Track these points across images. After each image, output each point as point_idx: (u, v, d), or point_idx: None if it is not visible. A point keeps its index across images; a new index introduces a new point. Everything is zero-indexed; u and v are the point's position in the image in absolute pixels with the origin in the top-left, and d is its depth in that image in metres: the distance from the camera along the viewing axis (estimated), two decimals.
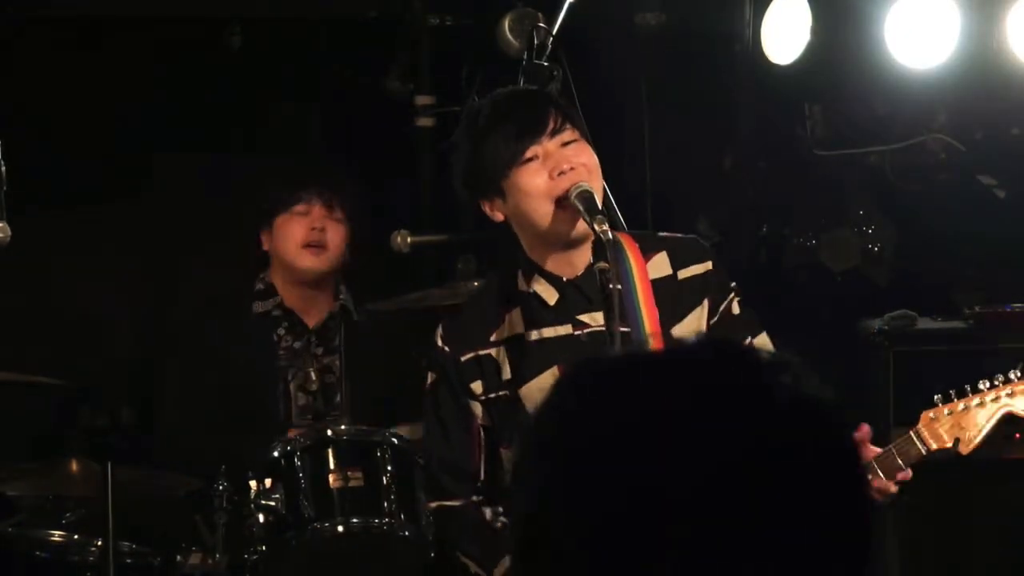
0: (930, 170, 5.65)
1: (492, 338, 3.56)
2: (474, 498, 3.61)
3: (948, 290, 5.61)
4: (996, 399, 3.75)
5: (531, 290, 3.55)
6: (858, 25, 5.01)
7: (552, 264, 3.53)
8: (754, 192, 5.79)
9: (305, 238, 4.82)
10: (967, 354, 4.94)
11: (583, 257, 3.48)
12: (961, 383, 4.67)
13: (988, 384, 3.76)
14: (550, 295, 3.53)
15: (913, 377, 4.91)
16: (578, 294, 3.52)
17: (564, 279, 3.53)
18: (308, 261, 4.83)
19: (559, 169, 3.43)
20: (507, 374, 3.55)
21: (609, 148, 3.60)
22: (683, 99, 5.57)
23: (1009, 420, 3.78)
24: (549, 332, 3.54)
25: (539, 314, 3.54)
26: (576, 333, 3.52)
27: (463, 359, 3.56)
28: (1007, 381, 3.77)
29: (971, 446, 3.70)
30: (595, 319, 3.51)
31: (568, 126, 3.49)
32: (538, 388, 3.51)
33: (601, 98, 4.28)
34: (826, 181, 5.78)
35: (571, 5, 4.49)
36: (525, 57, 4.27)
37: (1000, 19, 4.90)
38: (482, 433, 3.58)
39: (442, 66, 5.69)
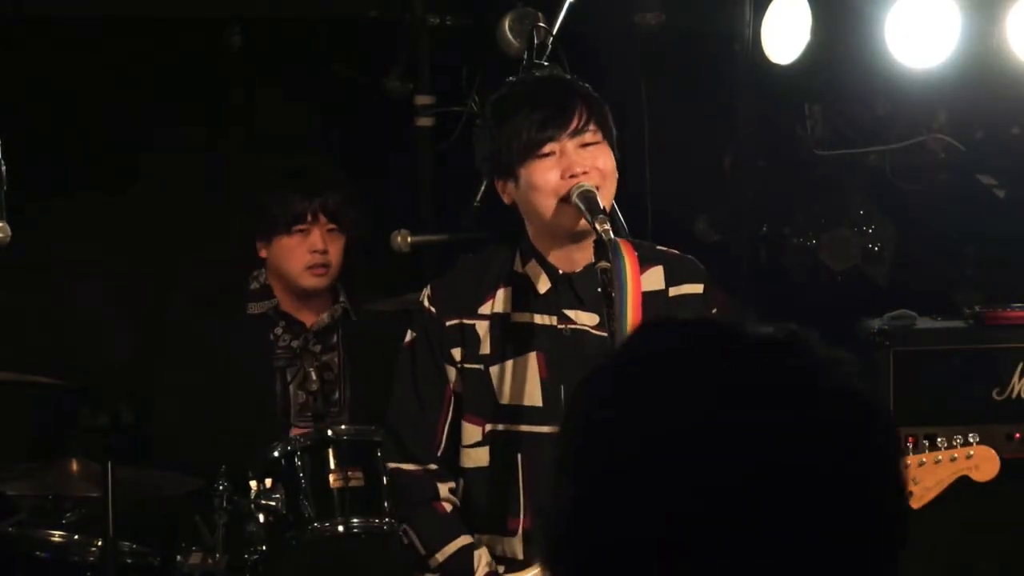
0: (930, 170, 5.65)
1: (479, 310, 3.58)
2: (431, 466, 3.61)
3: (948, 290, 5.61)
4: (955, 460, 3.74)
5: (525, 272, 3.57)
6: (858, 25, 5.01)
7: (553, 256, 3.56)
8: (754, 192, 5.78)
9: (308, 261, 4.78)
10: (967, 354, 4.94)
11: (584, 255, 3.49)
12: (961, 383, 4.67)
13: (947, 443, 3.75)
14: (542, 283, 3.56)
15: (913, 377, 4.91)
16: (569, 289, 3.54)
17: (560, 271, 3.55)
18: (311, 282, 4.81)
19: (572, 171, 3.44)
20: (485, 349, 3.57)
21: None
22: (683, 99, 5.57)
23: (962, 481, 3.78)
24: (535, 318, 3.56)
25: (528, 299, 3.57)
26: (560, 327, 3.55)
27: (448, 324, 3.59)
28: (966, 444, 3.77)
29: (922, 502, 3.70)
30: (580, 317, 3.54)
31: (591, 127, 3.49)
32: (511, 369, 3.54)
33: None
34: (826, 181, 5.78)
35: (571, 5, 4.50)
36: (525, 57, 4.27)
37: (1000, 19, 4.90)
38: (453, 399, 3.60)
39: (442, 66, 5.68)
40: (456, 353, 3.59)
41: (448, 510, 3.59)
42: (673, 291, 3.58)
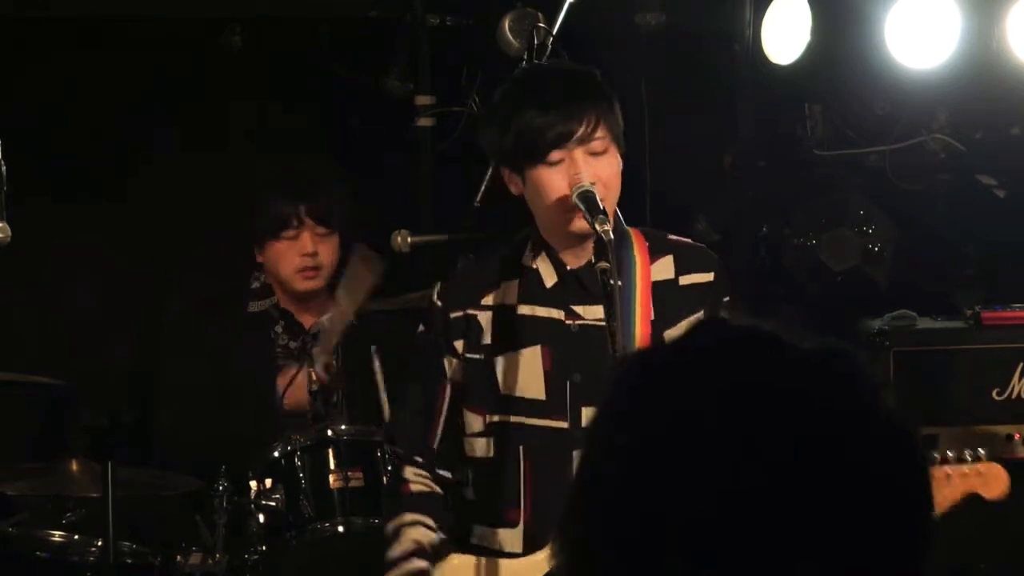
0: (930, 170, 5.65)
1: (483, 301, 3.60)
2: (417, 458, 3.64)
3: (948, 290, 5.60)
4: (964, 476, 3.74)
5: (534, 266, 3.58)
6: (858, 25, 5.01)
7: (562, 252, 3.57)
8: (754, 192, 5.78)
9: (299, 264, 4.80)
10: (967, 354, 4.94)
11: (590, 252, 3.49)
12: (961, 383, 4.66)
13: (956, 458, 3.75)
14: (549, 277, 3.57)
15: (913, 377, 4.91)
16: (577, 284, 3.55)
17: (568, 267, 3.56)
18: (304, 284, 4.82)
19: (578, 181, 3.43)
20: (487, 339, 3.58)
21: None
22: (683, 99, 5.57)
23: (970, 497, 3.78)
24: (541, 311, 3.57)
25: (535, 291, 3.58)
26: (568, 322, 3.56)
27: (452, 316, 3.61)
28: (976, 459, 3.76)
29: None
30: (588, 312, 3.54)
31: (599, 132, 3.47)
32: (515, 360, 3.55)
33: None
34: (826, 181, 5.77)
35: (571, 5, 4.50)
36: (525, 57, 4.27)
37: (1000, 19, 4.90)
38: (448, 390, 3.61)
39: (442, 66, 5.68)
40: (459, 345, 3.60)
41: (412, 490, 3.61)
42: (683, 280, 3.59)
